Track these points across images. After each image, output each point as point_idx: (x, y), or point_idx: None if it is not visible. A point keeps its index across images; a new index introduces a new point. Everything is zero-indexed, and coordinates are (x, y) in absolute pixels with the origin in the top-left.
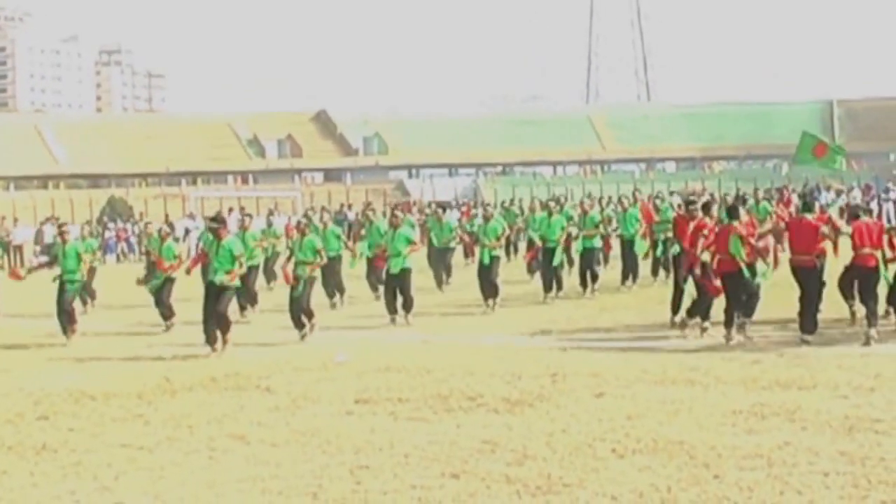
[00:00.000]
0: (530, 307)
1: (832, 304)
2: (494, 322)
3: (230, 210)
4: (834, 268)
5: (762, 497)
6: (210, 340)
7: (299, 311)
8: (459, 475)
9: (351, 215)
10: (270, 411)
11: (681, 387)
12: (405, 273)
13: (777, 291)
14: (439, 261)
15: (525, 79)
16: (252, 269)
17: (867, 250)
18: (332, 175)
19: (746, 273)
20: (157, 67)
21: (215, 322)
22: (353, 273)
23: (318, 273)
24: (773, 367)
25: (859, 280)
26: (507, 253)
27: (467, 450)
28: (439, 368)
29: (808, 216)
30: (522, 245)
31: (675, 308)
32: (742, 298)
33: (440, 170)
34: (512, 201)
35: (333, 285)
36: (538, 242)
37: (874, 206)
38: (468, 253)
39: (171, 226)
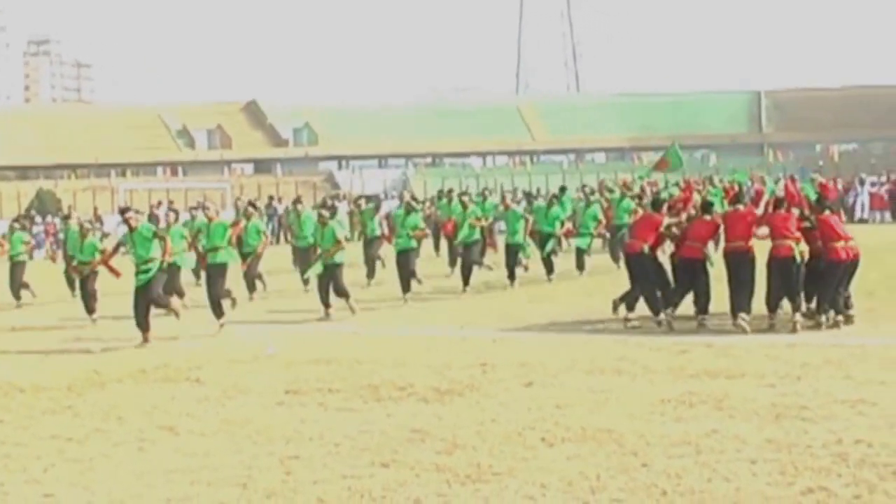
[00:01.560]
0: (460, 299)
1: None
2: (424, 314)
3: (159, 203)
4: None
5: (690, 484)
6: (142, 328)
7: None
8: (389, 464)
9: (281, 209)
10: (200, 402)
11: (609, 376)
12: (334, 268)
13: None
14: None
15: (455, 69)
16: (176, 268)
17: (784, 241)
18: (261, 166)
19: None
20: (86, 57)
21: (143, 311)
22: (284, 267)
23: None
24: (701, 356)
25: (779, 271)
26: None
27: (397, 439)
28: (369, 359)
29: (740, 207)
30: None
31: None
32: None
33: (370, 161)
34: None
35: (250, 279)
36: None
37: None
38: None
39: (100, 220)
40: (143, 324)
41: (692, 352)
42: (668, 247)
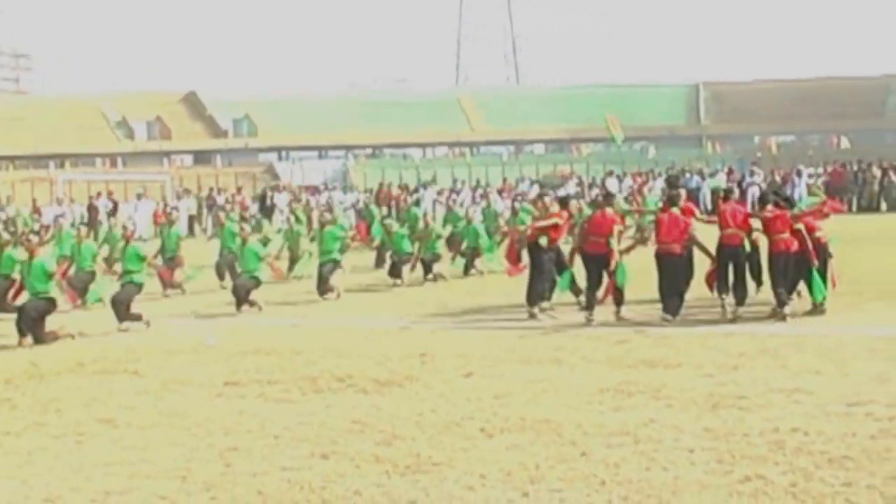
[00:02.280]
0: (398, 291)
1: (697, 285)
2: (363, 306)
3: (98, 194)
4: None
5: (628, 473)
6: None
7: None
8: (329, 455)
9: (221, 199)
10: (139, 395)
11: (547, 366)
12: (251, 279)
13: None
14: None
15: (395, 61)
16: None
17: (732, 230)
18: (201, 157)
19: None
20: (24, 47)
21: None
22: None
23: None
24: (639, 346)
25: (730, 259)
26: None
27: (336, 430)
28: (309, 350)
29: (675, 210)
30: None
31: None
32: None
33: (310, 152)
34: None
35: (174, 282)
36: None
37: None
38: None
39: (38, 212)
40: (37, 338)
41: (630, 342)
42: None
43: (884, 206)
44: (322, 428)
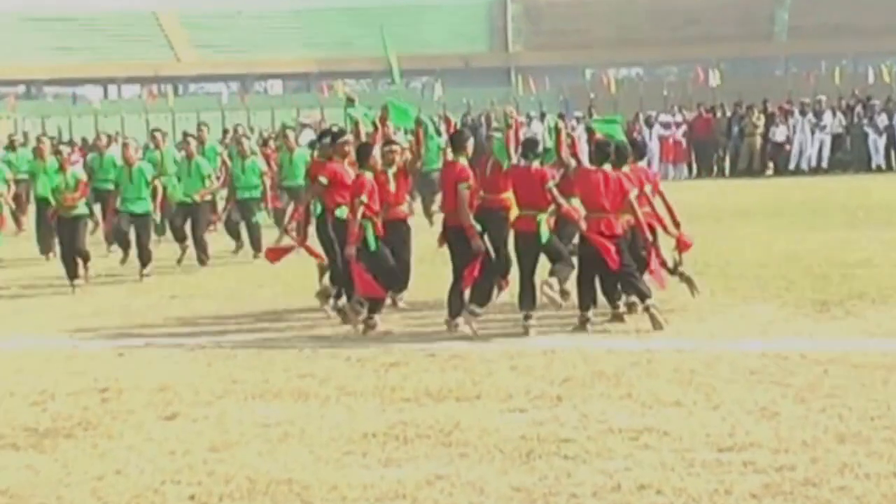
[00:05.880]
0: (72, 293)
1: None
2: (17, 317)
3: None
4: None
5: None
6: None
7: None
8: None
9: None
10: None
11: (289, 402)
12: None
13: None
14: None
15: None
16: None
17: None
18: None
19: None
20: None
21: None
22: None
23: None
24: (420, 370)
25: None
26: None
27: None
28: None
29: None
30: None
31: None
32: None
33: None
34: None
35: None
36: None
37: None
38: None
39: None
40: None
41: (407, 364)
42: None
43: (770, 168)
44: None
